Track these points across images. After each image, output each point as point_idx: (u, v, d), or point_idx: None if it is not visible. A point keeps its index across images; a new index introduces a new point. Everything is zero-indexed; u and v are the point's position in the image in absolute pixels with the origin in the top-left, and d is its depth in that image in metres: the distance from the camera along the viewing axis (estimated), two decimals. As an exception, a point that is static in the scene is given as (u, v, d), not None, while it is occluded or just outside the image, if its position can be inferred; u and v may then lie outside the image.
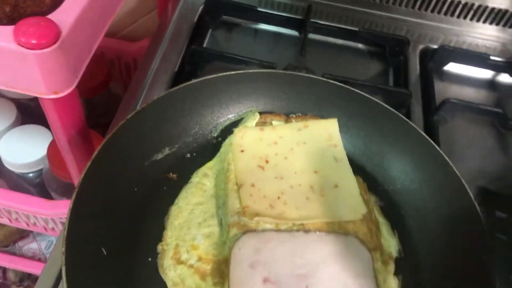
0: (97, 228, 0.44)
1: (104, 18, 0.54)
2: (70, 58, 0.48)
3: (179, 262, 0.46)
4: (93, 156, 0.46)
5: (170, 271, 0.46)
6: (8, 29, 0.44)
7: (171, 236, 0.48)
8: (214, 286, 0.45)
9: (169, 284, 0.45)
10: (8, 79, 0.47)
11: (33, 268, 1.08)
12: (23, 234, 1.19)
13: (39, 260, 1.17)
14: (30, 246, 1.17)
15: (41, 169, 0.86)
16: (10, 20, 0.48)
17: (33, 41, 0.43)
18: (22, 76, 0.47)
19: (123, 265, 0.45)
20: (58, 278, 0.50)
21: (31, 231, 1.21)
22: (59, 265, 0.50)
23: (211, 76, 0.55)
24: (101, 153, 0.46)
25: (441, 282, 0.48)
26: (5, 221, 0.90)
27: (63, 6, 0.47)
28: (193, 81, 0.54)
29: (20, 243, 1.18)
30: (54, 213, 0.77)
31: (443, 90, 0.74)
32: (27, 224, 0.90)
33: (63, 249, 0.40)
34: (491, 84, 0.77)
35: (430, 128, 0.66)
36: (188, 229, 0.48)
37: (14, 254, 1.16)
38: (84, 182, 0.44)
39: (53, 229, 0.89)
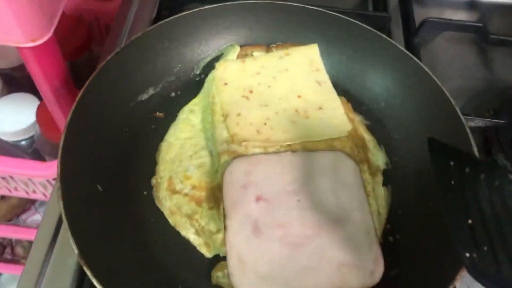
0: (89, 167, 0.45)
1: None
2: (44, 4, 0.47)
3: (174, 192, 0.47)
4: (76, 100, 0.47)
5: (166, 202, 0.47)
6: (-24, -24, 0.43)
7: (163, 169, 0.49)
8: (209, 210, 0.46)
9: (166, 213, 0.47)
10: (-16, 32, 0.47)
11: (39, 237, 1.09)
12: (25, 207, 1.21)
13: (44, 230, 1.19)
14: (33, 218, 1.19)
15: (33, 136, 0.86)
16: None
17: (4, -14, 0.43)
18: (-2, 27, 0.46)
19: (119, 199, 0.46)
20: (59, 221, 0.51)
21: (33, 204, 1.22)
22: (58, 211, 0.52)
23: (186, 12, 0.55)
24: (84, 96, 0.47)
25: (426, 188, 0.49)
26: (4, 191, 0.91)
27: (29, -50, 0.47)
28: (169, 18, 0.54)
29: (24, 216, 1.19)
30: (50, 173, 0.78)
31: (422, 14, 0.74)
32: (27, 193, 0.91)
33: (59, 188, 0.41)
34: (471, 4, 0.77)
35: (411, 50, 0.66)
36: (180, 162, 0.49)
37: (18, 226, 1.18)
38: (71, 124, 0.45)
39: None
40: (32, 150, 0.90)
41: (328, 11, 0.57)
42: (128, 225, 0.45)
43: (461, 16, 0.75)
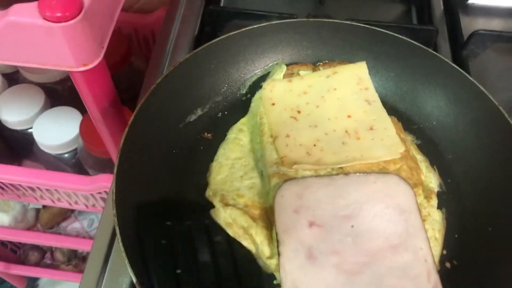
0: (142, 190, 0.46)
1: (122, -15, 0.54)
2: (95, 28, 0.48)
3: (227, 205, 0.47)
4: (129, 123, 0.47)
5: (220, 213, 0.47)
6: (33, 5, 0.44)
7: (215, 189, 0.49)
8: (264, 229, 0.46)
9: (223, 225, 0.46)
10: (37, 56, 0.48)
11: (80, 244, 1.12)
12: (65, 215, 1.24)
13: (84, 238, 1.21)
14: (73, 225, 1.22)
15: (76, 149, 0.88)
16: (31, -3, 0.48)
17: (58, 14, 0.44)
18: (50, 52, 0.47)
19: (171, 220, 0.47)
20: (112, 239, 0.52)
21: (73, 212, 1.25)
22: (109, 233, 0.53)
23: (233, 33, 0.55)
24: (137, 119, 0.47)
25: (484, 211, 0.48)
26: (48, 202, 0.94)
27: (81, -23, 0.47)
28: (216, 39, 0.54)
29: (64, 224, 1.22)
30: (94, 188, 0.80)
31: (469, 24, 0.72)
32: (69, 203, 0.93)
33: (114, 211, 0.41)
34: (520, 13, 0.74)
35: (460, 63, 0.64)
36: (231, 183, 0.49)
37: (59, 234, 1.21)
38: (124, 149, 0.45)
39: (93, 205, 0.92)
40: (75, 162, 0.91)
41: (376, 28, 0.56)
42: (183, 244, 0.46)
43: (510, 24, 0.73)
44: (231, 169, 0.50)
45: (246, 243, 0.46)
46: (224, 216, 0.46)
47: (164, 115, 0.51)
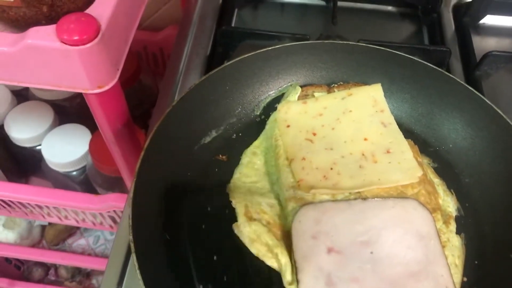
0: (158, 214, 0.45)
1: (137, 7, 0.54)
2: (111, 51, 0.48)
3: (252, 219, 0.46)
4: (145, 146, 0.47)
5: (244, 228, 0.45)
6: (50, 29, 0.44)
7: (238, 200, 0.48)
8: (286, 251, 0.45)
9: (246, 241, 0.45)
10: (53, 79, 0.48)
11: (85, 262, 1.11)
12: (71, 232, 1.23)
13: (89, 255, 1.20)
14: (79, 242, 1.21)
15: (84, 166, 0.88)
16: (49, 20, 0.48)
17: (75, 37, 0.44)
18: (66, 74, 0.47)
19: (185, 248, 0.46)
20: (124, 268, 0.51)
21: (78, 228, 1.25)
22: (122, 256, 0.52)
23: (248, 55, 0.54)
24: (152, 142, 0.47)
25: (504, 236, 0.47)
26: (55, 219, 0.93)
27: (98, 0, 0.47)
28: (232, 61, 0.54)
29: (69, 241, 1.21)
30: (103, 207, 0.79)
31: (481, 44, 0.72)
32: (77, 221, 0.93)
33: (131, 238, 0.41)
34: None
35: (473, 84, 0.64)
36: (252, 196, 0.48)
37: (65, 251, 1.20)
38: (140, 172, 0.44)
39: (101, 223, 0.91)
40: (83, 179, 0.91)
41: (390, 50, 0.56)
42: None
43: (521, 44, 0.73)
44: (249, 190, 0.49)
45: (270, 262, 0.44)
46: (249, 231, 0.45)
47: (179, 138, 0.50)
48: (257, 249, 0.44)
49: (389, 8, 0.76)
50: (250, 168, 0.52)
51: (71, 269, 1.32)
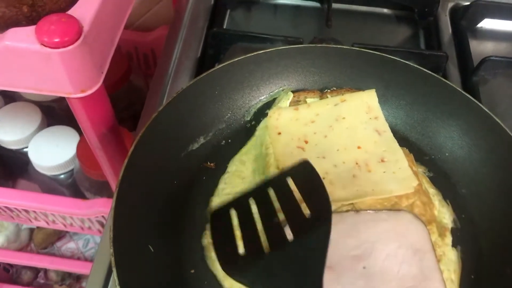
0: (141, 226, 0.43)
1: (123, 8, 0.52)
2: (95, 54, 0.46)
3: None
4: (129, 153, 0.45)
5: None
6: (29, 30, 0.42)
7: None
8: None
9: (219, 276, 0.44)
10: (34, 82, 0.46)
11: (74, 267, 1.09)
12: (60, 235, 1.21)
13: (78, 259, 1.18)
14: (68, 245, 1.19)
15: (72, 169, 0.86)
16: (29, 20, 0.46)
17: (56, 40, 0.42)
18: (47, 78, 0.45)
19: (170, 260, 0.44)
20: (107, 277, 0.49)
21: (68, 232, 1.22)
22: (106, 266, 0.50)
23: (239, 58, 0.53)
24: (137, 149, 0.45)
25: (501, 249, 0.46)
26: (42, 224, 0.91)
27: (81, 1, 0.45)
28: (222, 65, 0.52)
29: (58, 244, 1.19)
30: (91, 212, 0.77)
31: (478, 48, 0.71)
32: (64, 225, 0.90)
33: (112, 251, 0.39)
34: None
35: (470, 90, 0.63)
36: None
37: (53, 255, 1.17)
38: (123, 180, 0.43)
39: (89, 228, 0.89)
40: (70, 182, 0.89)
41: (386, 55, 0.54)
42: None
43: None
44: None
45: None
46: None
47: (166, 144, 0.48)
48: (231, 284, 0.43)
49: (385, 10, 0.75)
50: (237, 177, 0.50)
51: (60, 272, 1.29)
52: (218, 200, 0.49)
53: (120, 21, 0.52)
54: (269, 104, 0.56)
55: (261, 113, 0.55)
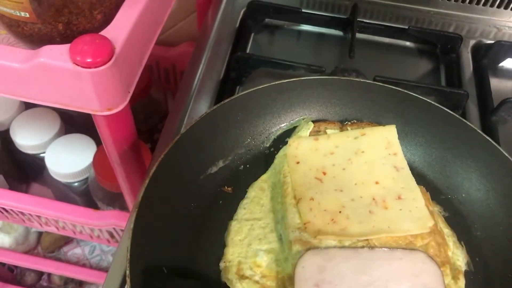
0: (158, 248, 0.44)
1: (153, 30, 0.54)
2: (123, 74, 0.47)
3: (244, 277, 0.45)
4: (150, 175, 0.45)
5: (236, 284, 0.45)
6: (63, 48, 0.43)
7: (232, 253, 0.47)
8: None
9: None
10: (61, 97, 0.47)
11: (79, 273, 1.09)
12: (67, 240, 1.22)
13: (83, 265, 1.19)
14: (74, 251, 1.20)
15: (87, 178, 0.87)
16: (63, 38, 0.48)
17: (89, 60, 0.43)
18: (75, 94, 0.46)
19: (186, 283, 0.44)
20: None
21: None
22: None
23: (263, 86, 0.53)
24: (158, 171, 0.46)
25: (515, 296, 0.45)
26: (52, 229, 0.92)
27: (114, 22, 0.46)
28: (246, 92, 0.53)
29: (65, 249, 1.20)
30: (102, 224, 0.78)
31: (499, 87, 0.71)
32: (74, 232, 0.91)
33: (128, 272, 0.39)
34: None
35: (489, 129, 0.63)
36: (249, 246, 0.47)
37: (59, 259, 1.18)
38: (143, 202, 0.43)
39: (98, 236, 0.90)
40: (84, 190, 0.90)
41: (406, 92, 0.54)
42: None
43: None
44: (250, 231, 0.48)
45: None
46: None
47: (186, 167, 0.49)
48: None
49: (407, 43, 0.75)
50: (256, 203, 0.50)
51: (64, 276, 1.30)
52: (237, 225, 0.49)
53: (149, 43, 0.53)
54: (288, 132, 0.56)
55: (281, 140, 0.56)
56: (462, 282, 0.46)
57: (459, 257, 0.48)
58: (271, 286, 0.44)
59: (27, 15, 0.45)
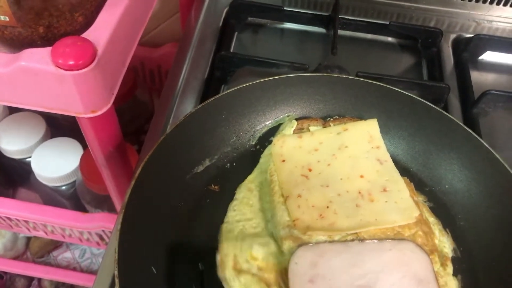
0: (146, 248, 0.44)
1: (135, 31, 0.54)
2: (107, 76, 0.47)
3: (241, 271, 0.45)
4: (136, 176, 0.45)
5: (234, 282, 0.45)
6: (45, 51, 0.43)
7: (227, 247, 0.47)
8: None
9: None
10: (44, 101, 0.47)
11: (69, 277, 1.09)
12: (57, 244, 1.21)
13: (74, 269, 1.18)
14: (64, 255, 1.19)
15: (74, 181, 0.86)
16: (45, 41, 0.47)
17: (71, 62, 0.43)
18: (59, 97, 0.46)
19: (173, 282, 0.45)
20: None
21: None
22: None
23: (247, 84, 0.54)
24: (144, 171, 0.46)
25: (499, 283, 0.46)
26: (41, 234, 0.91)
27: (96, 24, 0.46)
28: (230, 90, 0.53)
29: (55, 253, 1.19)
30: (91, 226, 0.77)
31: (479, 80, 0.72)
32: (63, 236, 0.91)
33: (116, 273, 0.39)
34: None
35: (470, 121, 0.65)
36: (243, 240, 0.47)
37: (49, 264, 1.17)
38: (129, 203, 0.43)
39: (88, 239, 0.89)
40: (72, 194, 0.90)
41: (388, 86, 0.55)
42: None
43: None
44: (243, 231, 0.48)
45: None
46: (238, 286, 0.44)
47: (172, 167, 0.49)
48: None
49: (389, 39, 0.76)
50: (245, 204, 0.51)
51: (54, 281, 1.29)
52: (229, 227, 0.49)
53: (132, 44, 0.53)
54: (273, 130, 0.56)
55: (266, 138, 0.56)
56: (450, 268, 0.47)
57: (446, 244, 0.49)
58: (269, 278, 0.45)
59: (7, 19, 0.44)
